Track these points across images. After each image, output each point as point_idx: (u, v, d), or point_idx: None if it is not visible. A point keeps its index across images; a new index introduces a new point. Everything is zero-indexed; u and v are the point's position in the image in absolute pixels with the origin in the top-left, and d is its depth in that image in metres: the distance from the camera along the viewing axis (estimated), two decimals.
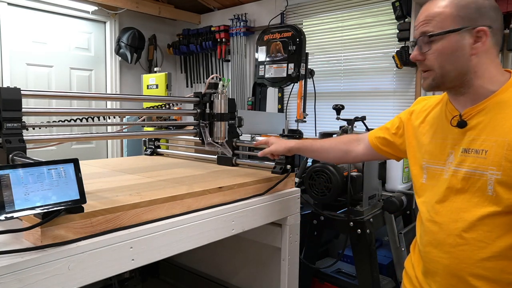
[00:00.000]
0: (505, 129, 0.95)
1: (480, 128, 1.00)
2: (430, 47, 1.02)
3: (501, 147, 0.94)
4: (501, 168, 0.94)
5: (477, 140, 1.00)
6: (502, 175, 0.94)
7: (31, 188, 0.88)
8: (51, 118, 1.45)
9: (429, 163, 1.11)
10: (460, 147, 1.03)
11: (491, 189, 0.96)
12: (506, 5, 2.54)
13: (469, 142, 1.01)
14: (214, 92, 1.73)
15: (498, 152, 0.95)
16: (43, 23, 3.86)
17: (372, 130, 1.40)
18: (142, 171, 1.68)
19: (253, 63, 3.55)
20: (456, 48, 1.00)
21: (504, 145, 0.94)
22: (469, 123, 1.02)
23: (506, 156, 0.93)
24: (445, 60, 1.01)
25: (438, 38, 1.00)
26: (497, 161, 0.95)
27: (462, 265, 1.00)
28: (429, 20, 1.01)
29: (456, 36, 0.99)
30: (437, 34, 1.00)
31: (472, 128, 1.02)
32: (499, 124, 0.97)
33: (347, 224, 1.99)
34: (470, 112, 1.03)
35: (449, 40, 1.00)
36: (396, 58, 3.10)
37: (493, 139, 0.96)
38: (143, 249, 1.11)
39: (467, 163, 1.01)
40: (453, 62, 1.01)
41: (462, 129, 1.03)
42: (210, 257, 2.17)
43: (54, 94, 1.53)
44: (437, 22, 1.00)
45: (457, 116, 1.05)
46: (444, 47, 1.00)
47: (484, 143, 0.98)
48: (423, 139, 1.15)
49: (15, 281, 0.85)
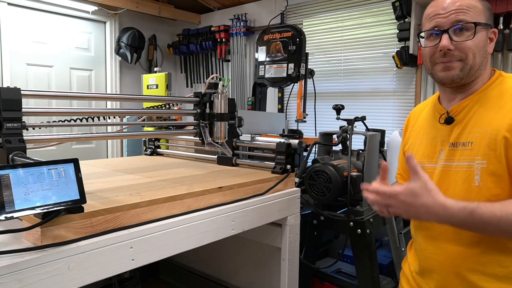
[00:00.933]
0: (487, 121, 0.99)
1: (465, 122, 1.04)
2: (468, 36, 1.00)
3: (485, 137, 0.98)
4: (486, 157, 0.97)
5: (463, 134, 1.03)
6: (487, 164, 0.97)
7: (31, 188, 0.88)
8: (51, 118, 1.45)
9: (421, 162, 1.12)
10: (449, 142, 1.06)
11: (477, 179, 0.98)
12: (506, 5, 2.54)
13: (456, 137, 1.05)
14: (214, 92, 1.73)
15: (482, 142, 0.98)
16: (43, 23, 3.86)
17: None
18: (142, 171, 1.68)
19: (253, 63, 3.55)
20: (485, 43, 1.03)
21: (487, 134, 0.98)
22: (456, 119, 1.06)
23: (489, 144, 0.97)
24: (478, 52, 1.02)
25: (479, 28, 1.00)
26: (482, 151, 0.98)
27: (458, 261, 1.02)
28: (466, 10, 1.00)
29: (486, 31, 1.02)
30: (482, 24, 1.01)
31: (459, 123, 1.05)
32: (482, 117, 1.01)
33: (347, 224, 1.99)
34: (456, 108, 1.06)
35: (483, 33, 1.02)
36: (396, 58, 3.10)
37: (477, 130, 1.01)
38: (143, 249, 1.11)
39: (456, 156, 1.04)
40: (482, 55, 1.03)
41: (450, 125, 1.07)
42: (210, 257, 2.17)
43: (54, 94, 1.54)
44: (474, 13, 1.00)
45: (444, 114, 1.08)
46: (480, 39, 1.01)
47: (469, 135, 1.02)
48: (416, 141, 1.18)
49: (15, 281, 0.85)
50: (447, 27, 1.01)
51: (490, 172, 0.96)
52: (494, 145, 0.96)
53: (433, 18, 1.04)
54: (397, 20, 3.12)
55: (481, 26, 1.00)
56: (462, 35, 1.00)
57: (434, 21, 1.03)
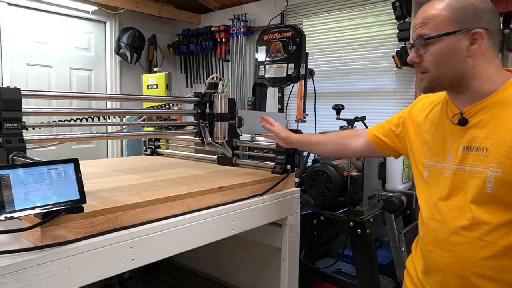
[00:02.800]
0: (507, 127, 0.96)
1: (481, 126, 1.00)
2: (426, 49, 1.02)
3: (502, 144, 0.95)
4: (502, 165, 0.94)
5: (478, 138, 1.00)
6: (502, 172, 0.94)
7: (31, 188, 0.88)
8: (51, 118, 1.45)
9: (431, 161, 1.12)
10: (460, 144, 1.04)
11: (490, 186, 0.96)
12: (506, 5, 2.54)
13: (470, 140, 1.02)
14: (214, 92, 1.73)
15: (499, 150, 0.95)
16: (43, 23, 3.85)
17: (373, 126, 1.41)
18: (142, 171, 1.68)
19: (253, 63, 3.55)
20: (452, 51, 1.00)
21: (506, 142, 0.95)
22: (470, 121, 1.03)
23: (507, 153, 0.94)
24: (441, 62, 1.01)
25: (434, 40, 1.01)
26: (498, 159, 0.95)
27: (464, 264, 1.01)
28: (426, 22, 1.02)
29: (453, 38, 1.00)
30: (433, 37, 1.01)
31: (473, 126, 1.02)
32: (501, 122, 0.97)
33: (347, 224, 1.99)
34: (471, 110, 1.03)
35: (446, 42, 1.00)
36: (396, 58, 3.10)
37: (494, 136, 0.97)
38: (143, 249, 1.11)
39: (469, 161, 1.01)
40: (449, 64, 1.01)
41: (463, 127, 1.04)
42: (210, 257, 2.17)
43: (54, 94, 1.54)
44: (433, 24, 1.01)
45: (458, 114, 1.05)
46: (441, 49, 1.01)
47: (485, 141, 0.99)
48: (425, 137, 1.16)
49: (15, 281, 0.85)
50: (414, 41, 1.05)
51: (504, 181, 0.94)
52: None
53: (412, 31, 1.08)
54: (397, 20, 3.12)
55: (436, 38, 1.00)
56: (425, 48, 1.02)
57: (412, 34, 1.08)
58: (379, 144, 1.34)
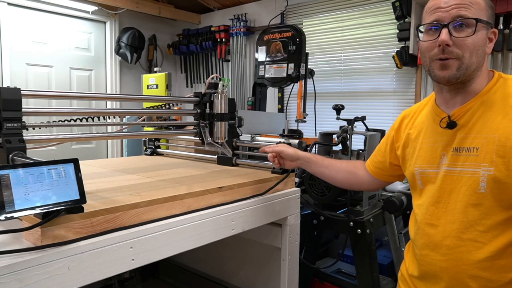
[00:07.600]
0: (494, 126, 0.96)
1: (470, 126, 1.00)
2: (468, 33, 0.95)
3: (492, 143, 0.95)
4: (493, 164, 0.95)
5: (467, 139, 1.00)
6: (494, 171, 0.94)
7: (31, 188, 0.88)
8: (51, 118, 1.44)
9: (422, 168, 1.10)
10: (452, 147, 1.03)
11: (483, 186, 0.96)
12: (506, 5, 2.55)
13: (459, 141, 1.02)
14: (214, 92, 1.72)
15: (490, 149, 0.96)
16: (43, 23, 3.86)
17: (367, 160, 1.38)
18: (142, 171, 1.68)
19: (253, 63, 3.55)
20: (484, 42, 0.98)
21: (495, 141, 0.95)
22: (458, 123, 1.02)
23: (496, 151, 0.94)
24: (475, 51, 0.97)
25: (480, 26, 0.95)
26: (489, 157, 0.95)
27: (461, 267, 1.00)
28: (467, 5, 0.95)
29: (486, 30, 0.98)
30: (485, 22, 0.96)
31: (462, 128, 1.02)
32: (488, 122, 0.98)
33: (347, 224, 1.99)
34: (458, 112, 1.03)
35: (483, 32, 0.97)
36: (396, 58, 3.10)
37: (483, 136, 0.97)
38: (143, 249, 1.11)
39: (460, 162, 1.01)
40: (479, 54, 0.98)
41: (452, 130, 1.03)
42: (210, 257, 2.17)
43: (54, 94, 1.53)
44: (475, 10, 0.96)
45: (445, 117, 1.04)
46: (480, 38, 0.97)
47: (474, 141, 0.99)
48: (415, 145, 1.15)
49: (15, 281, 0.85)
50: (447, 22, 0.96)
51: (497, 179, 0.94)
52: (503, 152, 0.93)
53: (434, 12, 0.99)
54: (397, 20, 3.12)
55: (482, 24, 0.95)
56: (462, 31, 0.95)
57: (434, 15, 0.99)
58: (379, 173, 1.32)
